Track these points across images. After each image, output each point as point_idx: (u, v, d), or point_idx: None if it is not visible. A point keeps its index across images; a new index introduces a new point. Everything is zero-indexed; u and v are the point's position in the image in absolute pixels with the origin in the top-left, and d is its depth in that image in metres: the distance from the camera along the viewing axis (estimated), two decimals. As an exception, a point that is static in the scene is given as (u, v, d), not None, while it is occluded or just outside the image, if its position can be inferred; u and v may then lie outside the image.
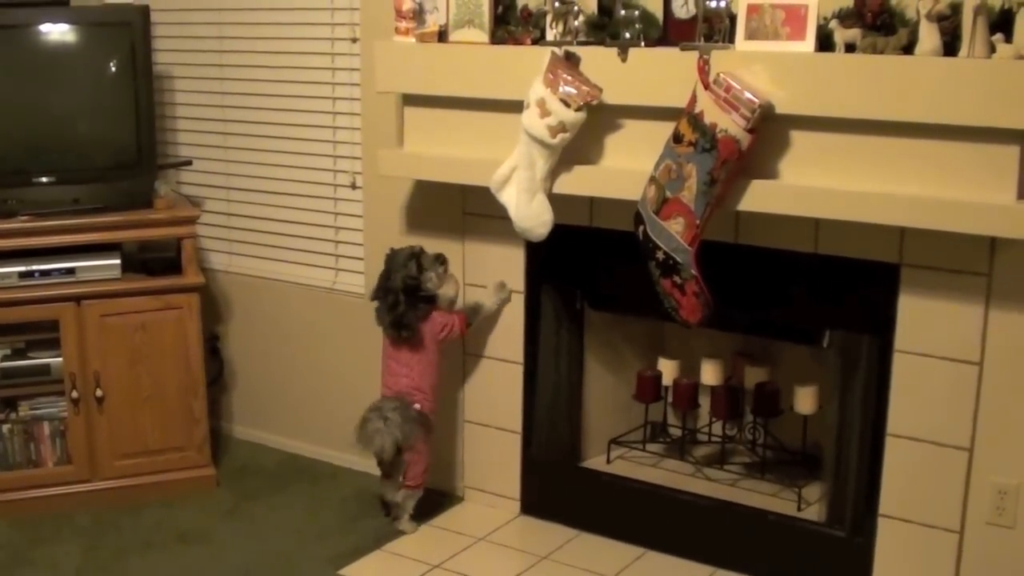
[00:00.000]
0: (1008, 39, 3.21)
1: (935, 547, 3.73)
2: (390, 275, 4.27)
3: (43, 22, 4.57)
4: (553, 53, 3.84)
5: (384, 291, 4.28)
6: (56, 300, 4.49)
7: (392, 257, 4.31)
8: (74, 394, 4.54)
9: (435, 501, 4.56)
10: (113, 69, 4.63)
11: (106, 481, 4.66)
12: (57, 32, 4.61)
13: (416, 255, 4.28)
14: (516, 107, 3.92)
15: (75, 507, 4.58)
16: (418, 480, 4.37)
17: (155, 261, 4.77)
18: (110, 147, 4.68)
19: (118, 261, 4.61)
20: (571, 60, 3.85)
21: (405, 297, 4.23)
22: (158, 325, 4.64)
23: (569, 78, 3.79)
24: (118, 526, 4.48)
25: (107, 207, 4.60)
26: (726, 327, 4.16)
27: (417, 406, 4.26)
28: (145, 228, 4.66)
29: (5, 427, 4.58)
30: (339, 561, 4.17)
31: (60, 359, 4.54)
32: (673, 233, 3.63)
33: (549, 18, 3.96)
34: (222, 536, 4.41)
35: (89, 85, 4.67)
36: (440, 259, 4.33)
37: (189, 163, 5.21)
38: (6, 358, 4.56)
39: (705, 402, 4.54)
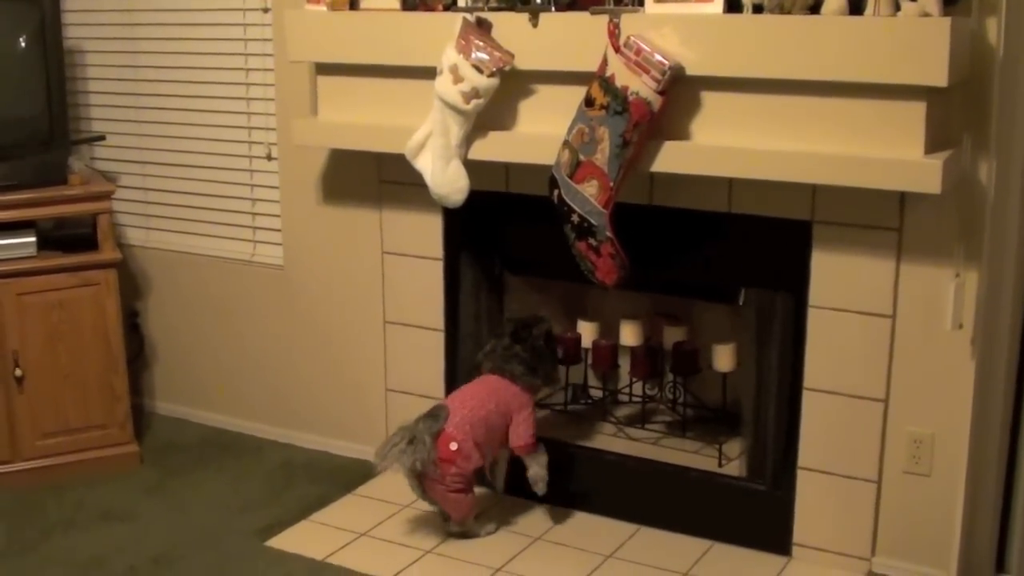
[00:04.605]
0: (912, -3, 3.26)
1: (854, 497, 3.80)
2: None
3: (-52, -2, 4.50)
4: (465, 19, 3.84)
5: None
6: (-29, 280, 4.44)
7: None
8: (-8, 374, 4.50)
9: (361, 471, 4.57)
10: (23, 45, 4.56)
11: (28, 461, 4.61)
12: (-37, 8, 4.54)
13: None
14: (429, 73, 3.92)
15: (-3, 488, 4.56)
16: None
17: (71, 238, 4.72)
18: (22, 124, 4.61)
19: (33, 239, 4.55)
20: (483, 26, 3.85)
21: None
22: (76, 302, 4.60)
23: (481, 44, 3.79)
24: (41, 506, 4.44)
25: (20, 184, 4.53)
26: (643, 288, 4.19)
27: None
28: (60, 205, 4.60)
29: (-77, 410, 4.53)
30: (265, 533, 4.17)
31: (-23, 339, 4.50)
32: (587, 196, 3.65)
33: (460, -16, 3.97)
34: (146, 513, 4.39)
35: (-2, 62, 4.62)
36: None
37: (103, 138, 5.16)
38: (-79, 340, 4.51)
39: (625, 363, 4.58)
